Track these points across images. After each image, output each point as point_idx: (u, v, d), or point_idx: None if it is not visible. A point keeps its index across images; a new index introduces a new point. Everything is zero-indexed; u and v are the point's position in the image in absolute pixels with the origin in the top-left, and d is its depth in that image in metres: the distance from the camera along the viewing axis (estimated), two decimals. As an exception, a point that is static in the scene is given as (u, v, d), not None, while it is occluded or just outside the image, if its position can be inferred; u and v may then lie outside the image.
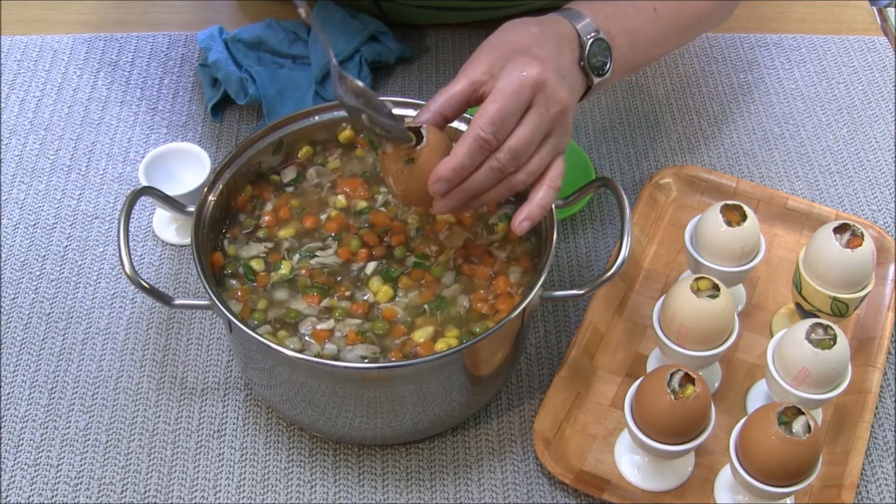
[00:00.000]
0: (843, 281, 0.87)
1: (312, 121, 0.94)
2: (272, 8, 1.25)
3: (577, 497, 0.87)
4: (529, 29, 0.84)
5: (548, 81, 0.79)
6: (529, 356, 0.96)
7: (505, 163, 0.78)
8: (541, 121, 0.79)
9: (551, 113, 0.79)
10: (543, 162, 0.81)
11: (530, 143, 0.79)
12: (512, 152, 0.78)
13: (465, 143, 0.77)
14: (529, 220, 0.80)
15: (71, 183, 1.09)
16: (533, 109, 0.79)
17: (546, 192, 0.81)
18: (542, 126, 0.79)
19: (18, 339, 0.96)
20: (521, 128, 0.78)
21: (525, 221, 0.80)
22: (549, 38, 0.83)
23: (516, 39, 0.82)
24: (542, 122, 0.79)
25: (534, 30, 0.84)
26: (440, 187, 0.78)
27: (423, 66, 1.20)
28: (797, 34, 1.26)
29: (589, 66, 0.86)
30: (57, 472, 0.88)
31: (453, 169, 0.77)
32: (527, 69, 0.78)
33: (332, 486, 0.87)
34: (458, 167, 0.77)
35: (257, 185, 0.93)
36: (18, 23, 1.25)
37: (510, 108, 0.77)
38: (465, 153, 0.77)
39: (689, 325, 0.84)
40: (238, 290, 0.86)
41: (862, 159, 1.12)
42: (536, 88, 0.78)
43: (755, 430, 0.78)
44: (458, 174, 0.78)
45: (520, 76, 0.78)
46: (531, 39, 0.82)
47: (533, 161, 0.80)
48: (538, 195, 0.81)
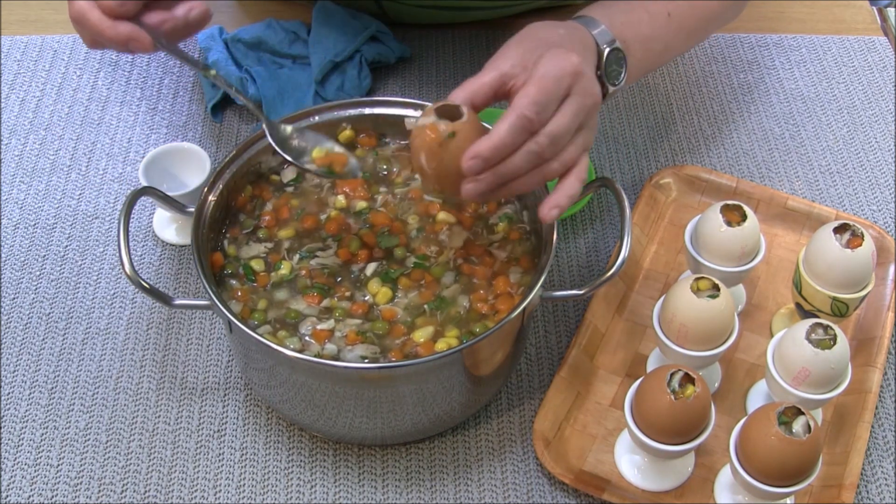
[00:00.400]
0: (843, 281, 0.87)
1: (312, 121, 0.93)
2: (272, 8, 1.25)
3: (577, 497, 0.87)
4: (557, 30, 0.84)
5: (585, 73, 0.79)
6: (529, 356, 0.96)
7: (545, 147, 0.76)
8: (579, 109, 0.78)
9: (587, 104, 0.79)
10: (576, 153, 0.79)
11: (568, 130, 0.78)
12: (552, 137, 0.77)
13: (506, 121, 0.75)
14: (559, 208, 0.79)
15: (71, 183, 1.09)
16: (571, 98, 0.78)
17: (574, 183, 0.79)
18: (580, 115, 0.78)
19: (18, 339, 0.96)
20: (560, 114, 0.77)
21: (554, 209, 0.78)
22: (576, 41, 0.84)
23: (546, 36, 0.82)
24: (579, 111, 0.78)
25: (561, 31, 0.84)
26: (475, 165, 0.75)
27: (423, 66, 1.20)
28: (797, 34, 1.26)
29: (605, 75, 0.85)
30: (57, 472, 0.88)
31: (494, 146, 0.75)
32: (567, 58, 0.78)
33: (332, 486, 0.87)
34: (499, 144, 0.75)
35: (257, 185, 0.93)
36: (18, 23, 1.25)
37: (552, 93, 0.76)
38: (507, 132, 0.75)
39: (689, 325, 0.84)
40: (238, 290, 0.86)
41: (862, 159, 1.12)
42: (576, 77, 0.78)
43: (755, 430, 0.78)
44: (497, 152, 0.75)
45: (561, 63, 0.77)
46: (560, 38, 0.82)
47: (568, 150, 0.79)
48: (567, 184, 0.79)
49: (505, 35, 1.22)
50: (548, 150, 0.77)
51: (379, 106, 0.95)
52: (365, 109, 0.95)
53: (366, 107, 0.95)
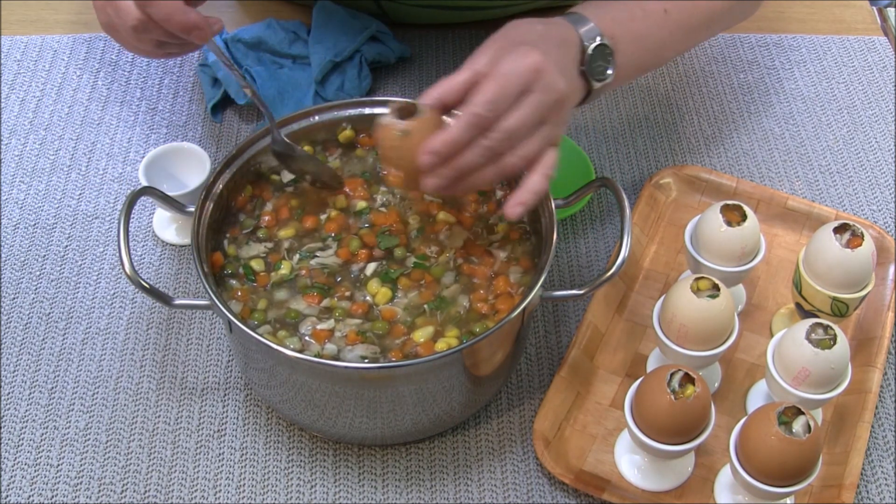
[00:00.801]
0: (843, 281, 0.87)
1: (312, 121, 0.94)
2: (272, 8, 1.25)
3: (577, 497, 0.87)
4: (535, 27, 0.84)
5: (546, 70, 0.79)
6: (529, 356, 0.96)
7: (497, 142, 0.78)
8: (537, 106, 0.79)
9: (548, 100, 0.80)
10: (536, 147, 0.80)
11: (524, 125, 0.79)
12: (505, 132, 0.78)
13: (460, 119, 0.78)
14: (522, 205, 0.80)
15: (71, 183, 1.09)
16: (531, 94, 0.79)
17: (539, 179, 0.81)
18: (539, 111, 0.79)
19: (18, 339, 0.96)
20: (517, 110, 0.78)
21: (518, 206, 0.80)
22: (553, 37, 0.84)
23: (520, 34, 0.83)
24: (538, 108, 0.79)
25: (539, 28, 0.84)
26: (429, 160, 0.78)
27: (423, 66, 1.20)
28: (797, 34, 1.26)
29: (589, 69, 0.86)
30: (57, 472, 0.88)
31: (445, 142, 0.77)
32: (528, 56, 0.79)
33: (332, 486, 0.87)
34: (450, 141, 0.77)
35: (257, 185, 0.93)
36: (18, 23, 1.25)
37: (507, 90, 0.78)
38: (458, 128, 0.77)
39: (689, 325, 0.84)
40: (238, 290, 0.86)
41: (862, 159, 1.12)
42: (535, 74, 0.79)
43: (755, 430, 0.78)
44: (449, 147, 0.78)
45: (520, 61, 0.79)
46: (536, 36, 0.83)
47: (525, 145, 0.80)
48: (531, 181, 0.81)
49: (505, 35, 1.23)
50: (502, 145, 0.79)
51: (379, 106, 0.95)
52: (365, 109, 0.95)
53: (366, 107, 0.95)
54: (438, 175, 0.79)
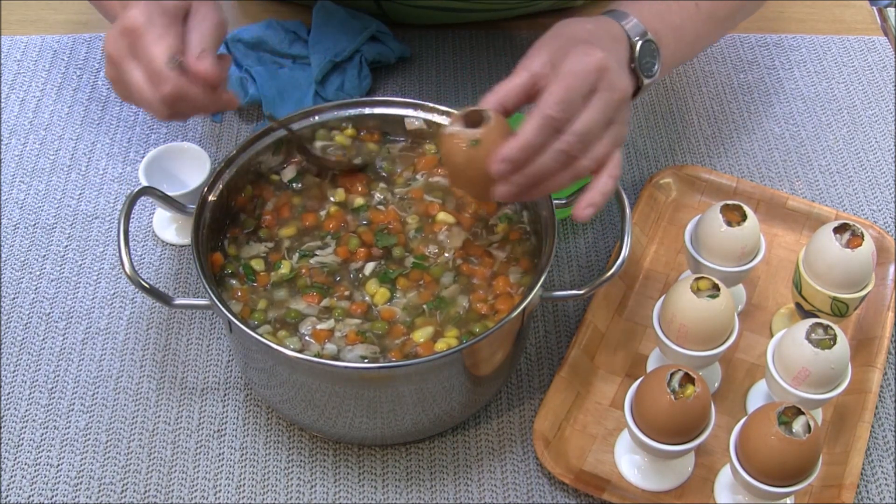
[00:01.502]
0: (843, 281, 0.87)
1: (312, 121, 0.94)
2: (272, 8, 1.25)
3: (577, 497, 0.87)
4: (585, 26, 0.83)
5: (610, 68, 0.78)
6: (529, 356, 0.96)
7: (573, 145, 0.76)
8: (606, 105, 0.78)
9: (615, 99, 0.78)
10: (607, 149, 0.79)
11: (596, 127, 0.77)
12: (580, 135, 0.76)
13: (532, 122, 0.75)
14: (593, 207, 0.78)
15: (71, 183, 1.09)
16: (598, 94, 0.77)
17: (607, 181, 0.79)
18: (608, 111, 0.78)
19: (18, 339, 0.96)
20: (587, 111, 0.77)
21: (589, 208, 0.78)
22: (604, 35, 0.83)
23: (573, 33, 0.82)
24: (607, 107, 0.78)
25: (589, 27, 0.83)
26: (504, 168, 0.76)
27: (423, 66, 1.20)
28: (797, 34, 1.26)
29: (639, 66, 0.85)
30: (57, 472, 0.88)
31: (520, 148, 0.75)
32: (591, 53, 0.78)
33: (332, 486, 0.87)
34: (525, 146, 0.75)
35: (257, 184, 0.93)
36: (18, 23, 1.25)
37: (577, 90, 0.76)
38: (533, 132, 0.75)
39: (689, 325, 0.84)
40: (238, 290, 0.86)
41: (862, 159, 1.12)
42: (601, 73, 0.77)
43: (755, 430, 0.78)
44: (524, 154, 0.75)
45: (584, 59, 0.77)
46: (588, 34, 0.82)
47: (598, 147, 0.78)
48: (600, 182, 0.79)
49: (505, 36, 1.23)
50: (576, 148, 0.77)
51: (379, 106, 0.95)
52: (365, 109, 0.95)
53: (366, 107, 0.95)
54: (511, 183, 0.77)
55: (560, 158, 0.77)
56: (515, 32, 1.23)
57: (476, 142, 0.77)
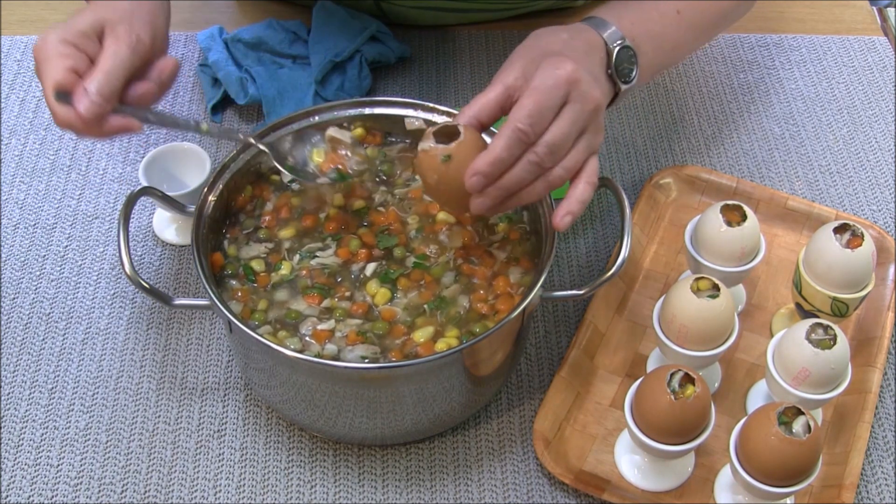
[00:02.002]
0: (843, 281, 0.87)
1: (312, 121, 0.93)
2: (272, 8, 1.25)
3: (577, 497, 0.87)
4: (560, 35, 0.84)
5: (582, 79, 0.79)
6: (529, 356, 0.96)
7: (543, 156, 0.78)
8: (577, 116, 0.79)
9: (586, 110, 0.80)
10: (580, 158, 0.80)
11: (567, 137, 0.79)
12: (550, 146, 0.78)
13: (502, 136, 0.77)
14: (571, 215, 0.80)
15: (71, 183, 1.09)
16: (568, 105, 0.79)
17: (584, 188, 0.81)
18: (578, 122, 0.79)
19: (18, 339, 0.96)
20: (557, 122, 0.78)
21: (567, 216, 0.80)
22: (580, 44, 0.84)
23: (547, 44, 0.83)
24: (577, 118, 0.79)
25: (564, 36, 0.84)
26: (477, 182, 0.78)
27: (423, 66, 1.20)
28: (797, 34, 1.26)
29: (616, 73, 0.86)
30: (57, 472, 0.88)
31: (490, 162, 0.77)
32: (561, 66, 0.79)
33: (332, 486, 0.87)
34: (496, 160, 0.77)
35: (257, 185, 0.93)
36: (18, 23, 1.25)
37: (547, 103, 0.77)
38: (502, 146, 0.77)
39: (689, 325, 0.84)
40: (238, 291, 0.86)
41: (862, 159, 1.12)
42: (571, 85, 0.79)
43: (755, 430, 0.78)
44: (495, 167, 0.77)
45: (555, 73, 0.78)
46: (562, 44, 0.83)
47: (570, 156, 0.80)
48: (577, 190, 0.81)
49: (505, 36, 1.23)
50: (547, 159, 0.78)
51: (379, 106, 0.95)
52: (365, 109, 0.95)
53: (366, 107, 0.95)
54: (487, 195, 0.79)
55: (532, 170, 0.78)
56: (515, 32, 1.23)
57: (448, 157, 0.79)
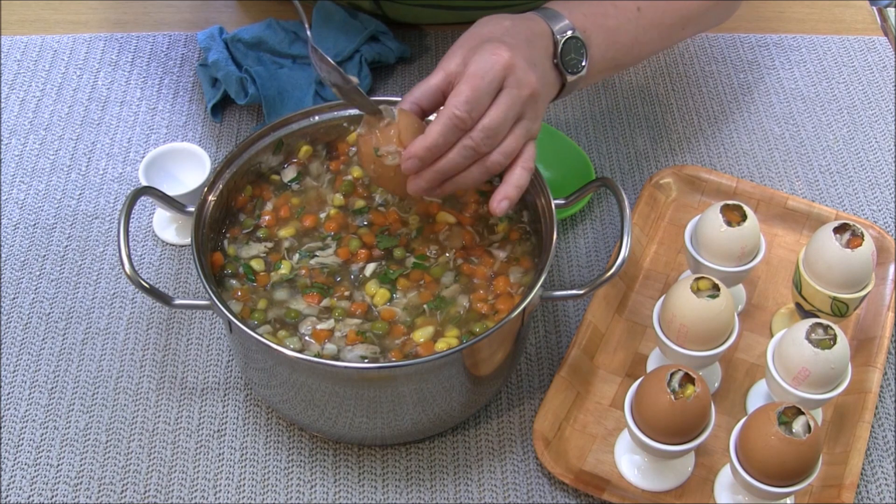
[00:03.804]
0: (843, 281, 0.87)
1: (312, 121, 0.94)
2: (272, 8, 1.25)
3: (577, 497, 0.87)
4: (503, 23, 0.85)
5: (517, 65, 0.80)
6: (529, 356, 0.96)
7: (479, 141, 0.79)
8: (513, 102, 0.80)
9: (522, 95, 0.81)
10: (517, 143, 0.82)
11: (503, 122, 0.80)
12: (486, 131, 0.79)
13: (438, 122, 0.79)
14: (508, 200, 0.81)
15: (71, 183, 1.09)
16: (504, 91, 0.80)
17: (521, 173, 0.82)
18: (514, 107, 0.80)
19: (18, 339, 0.96)
20: (493, 108, 0.80)
21: (504, 201, 0.81)
22: (521, 31, 0.85)
23: (489, 31, 0.84)
24: (513, 103, 0.80)
25: (507, 23, 0.85)
26: (412, 164, 0.80)
27: (423, 65, 1.20)
28: (797, 34, 1.26)
29: (562, 63, 0.87)
30: (57, 472, 0.88)
31: (426, 147, 0.79)
32: (497, 52, 0.80)
33: (332, 486, 0.87)
34: (431, 145, 0.79)
35: (257, 185, 0.93)
36: (18, 23, 1.25)
37: (483, 89, 0.79)
38: (438, 131, 0.78)
39: (689, 325, 0.84)
40: (238, 290, 0.86)
41: (862, 159, 1.12)
42: (507, 71, 0.80)
43: (755, 430, 0.78)
44: (430, 153, 0.79)
45: (490, 59, 0.80)
46: (503, 31, 0.84)
47: (507, 142, 0.81)
48: (513, 175, 0.82)
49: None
50: (483, 144, 0.80)
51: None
52: (365, 109, 0.95)
53: (366, 107, 0.95)
54: (422, 178, 0.81)
55: (468, 154, 0.80)
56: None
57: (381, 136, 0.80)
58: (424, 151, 0.79)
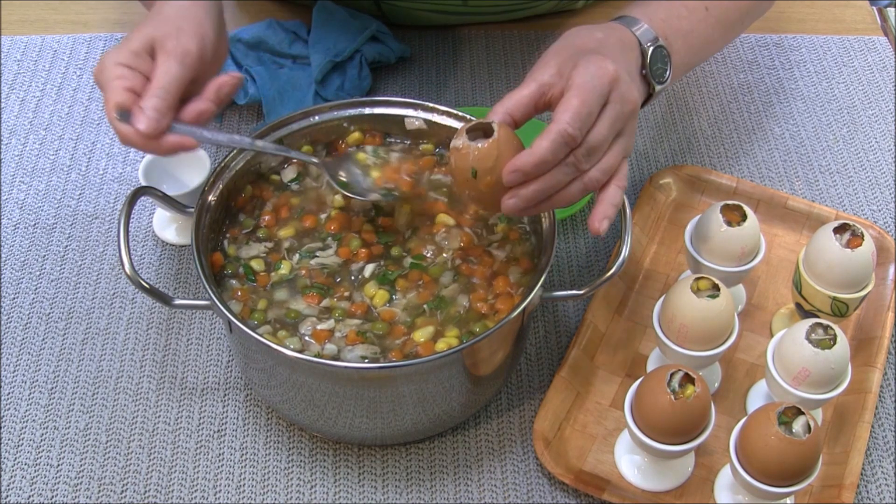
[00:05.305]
0: (843, 281, 0.87)
1: (312, 121, 0.94)
2: (272, 8, 1.25)
3: (577, 497, 0.87)
4: (594, 34, 0.83)
5: (622, 79, 0.78)
6: (529, 356, 0.96)
7: (581, 158, 0.76)
8: (617, 118, 0.77)
9: (625, 111, 0.78)
10: (615, 160, 0.79)
11: (606, 139, 0.77)
12: (590, 148, 0.76)
13: (548, 137, 0.74)
14: (608, 219, 0.78)
15: (71, 183, 1.09)
16: (609, 106, 0.77)
17: (615, 191, 0.79)
18: (617, 123, 0.78)
19: (18, 339, 0.96)
20: (599, 124, 0.77)
21: (605, 220, 0.78)
22: (614, 42, 0.83)
23: (583, 43, 0.82)
24: (617, 120, 0.78)
25: (598, 35, 0.83)
26: (515, 178, 0.75)
27: (423, 66, 1.20)
28: (797, 34, 1.26)
29: (650, 73, 0.85)
30: (57, 472, 0.88)
31: (534, 163, 0.75)
32: (603, 65, 0.77)
33: (332, 486, 0.87)
34: (539, 161, 0.75)
35: (257, 185, 0.93)
36: (18, 23, 1.25)
37: (593, 104, 0.76)
38: (548, 147, 0.74)
39: (689, 325, 0.84)
40: (238, 290, 0.86)
41: (862, 159, 1.12)
42: (613, 85, 0.77)
43: (755, 430, 0.78)
44: (537, 168, 0.75)
45: (597, 71, 0.77)
46: (597, 43, 0.82)
47: (606, 158, 0.78)
48: (609, 194, 0.79)
49: (505, 36, 1.23)
50: (585, 162, 0.77)
51: (379, 106, 0.95)
52: (365, 109, 0.95)
53: (366, 107, 0.95)
54: (521, 197, 0.76)
55: (570, 171, 0.77)
56: (515, 32, 1.23)
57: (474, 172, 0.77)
58: (532, 167, 0.74)
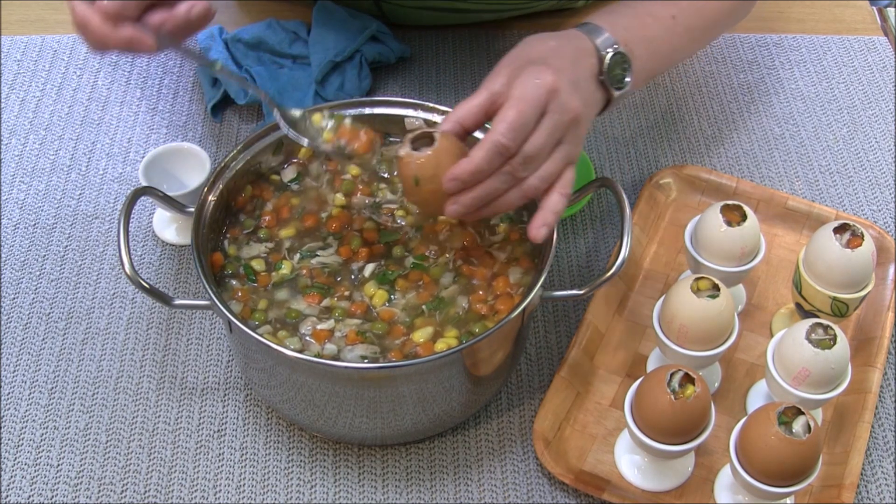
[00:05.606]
0: (843, 281, 0.87)
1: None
2: (272, 8, 1.25)
3: (577, 497, 0.87)
4: (548, 43, 0.84)
5: (561, 89, 0.79)
6: (529, 356, 0.96)
7: (518, 167, 0.79)
8: (554, 127, 0.79)
9: (564, 120, 0.80)
10: (556, 168, 0.81)
11: (543, 148, 0.79)
12: (526, 157, 0.78)
13: (483, 147, 0.77)
14: (547, 226, 0.80)
15: (71, 183, 1.09)
16: (547, 116, 0.79)
17: (558, 198, 0.81)
18: (556, 133, 0.80)
19: (18, 339, 0.96)
20: (536, 134, 0.79)
21: (543, 227, 0.80)
22: (567, 51, 0.84)
23: (534, 52, 0.83)
24: (555, 129, 0.79)
25: (552, 43, 0.84)
26: (454, 186, 0.78)
27: (423, 66, 1.20)
28: (797, 34, 1.26)
29: (608, 79, 0.86)
30: (57, 472, 0.88)
31: (470, 171, 0.78)
32: (541, 76, 0.79)
33: (332, 486, 0.87)
34: (475, 170, 0.78)
35: (257, 184, 0.93)
36: (18, 23, 1.25)
37: (527, 114, 0.78)
38: (483, 157, 0.77)
39: (689, 325, 0.84)
40: (238, 290, 0.86)
41: (862, 159, 1.12)
42: (551, 96, 0.79)
43: (755, 430, 0.78)
44: (473, 176, 0.78)
45: (535, 83, 0.79)
46: (549, 52, 0.83)
47: (545, 166, 0.80)
48: (550, 201, 0.81)
49: (505, 36, 1.23)
50: (522, 170, 0.79)
51: (379, 106, 0.95)
52: (365, 109, 0.95)
53: (366, 107, 0.95)
54: (461, 203, 0.79)
55: (507, 180, 0.79)
56: (515, 32, 1.23)
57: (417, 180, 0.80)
58: (469, 175, 0.78)
